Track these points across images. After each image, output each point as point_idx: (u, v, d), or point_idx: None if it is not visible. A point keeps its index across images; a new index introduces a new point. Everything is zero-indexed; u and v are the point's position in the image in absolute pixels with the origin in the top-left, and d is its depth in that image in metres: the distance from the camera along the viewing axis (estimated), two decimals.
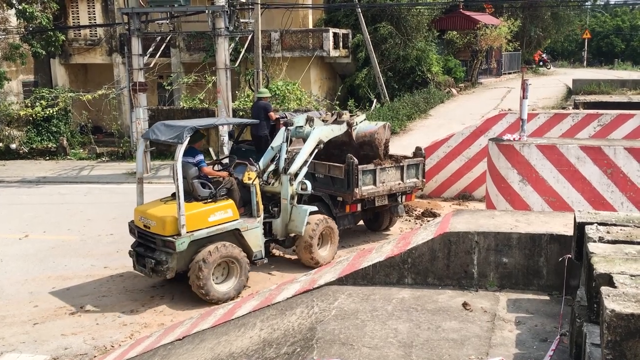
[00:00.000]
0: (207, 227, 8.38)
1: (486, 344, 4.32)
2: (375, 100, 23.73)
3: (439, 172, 13.86)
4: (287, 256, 10.37)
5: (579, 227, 4.27)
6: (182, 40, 24.58)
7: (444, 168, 13.85)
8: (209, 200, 8.57)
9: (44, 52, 21.14)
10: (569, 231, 4.91)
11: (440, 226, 5.73)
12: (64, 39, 23.19)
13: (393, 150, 11.79)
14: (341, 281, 5.73)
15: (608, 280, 3.30)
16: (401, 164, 10.96)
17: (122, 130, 23.06)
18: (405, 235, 6.41)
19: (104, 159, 21.42)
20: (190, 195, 8.52)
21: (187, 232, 8.13)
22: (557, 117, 13.04)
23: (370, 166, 10.59)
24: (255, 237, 9.00)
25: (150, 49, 18.83)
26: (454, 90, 26.73)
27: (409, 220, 12.38)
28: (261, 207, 9.15)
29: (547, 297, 5.09)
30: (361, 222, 11.76)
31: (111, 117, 23.08)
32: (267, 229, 9.54)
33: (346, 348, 4.41)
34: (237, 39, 19.70)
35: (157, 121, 9.67)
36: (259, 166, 9.90)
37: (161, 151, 19.98)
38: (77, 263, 10.35)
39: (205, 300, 8.29)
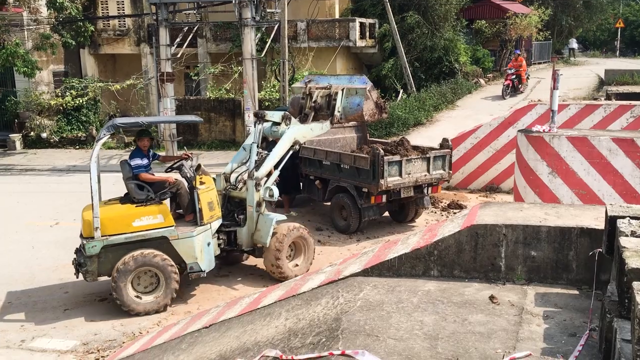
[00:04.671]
0: (128, 232, 7.83)
1: (513, 337, 4.27)
2: (401, 91, 23.54)
3: (466, 164, 13.74)
4: (259, 265, 9.54)
5: (611, 221, 4.20)
6: (209, 31, 24.67)
7: (471, 160, 13.71)
8: (146, 204, 7.99)
9: (73, 42, 21.41)
10: (600, 225, 4.83)
11: (467, 218, 5.68)
12: (93, 29, 23.43)
13: (419, 141, 11.70)
14: (366, 272, 5.73)
15: None
16: (427, 156, 10.90)
17: None
18: (431, 227, 6.37)
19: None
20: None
21: (101, 236, 7.70)
22: (589, 109, 12.77)
23: (397, 157, 10.55)
24: (189, 248, 8.12)
25: (178, 39, 19.00)
26: (482, 81, 26.36)
27: (435, 212, 12.31)
28: (206, 214, 8.30)
29: (576, 292, 5.02)
30: (386, 214, 11.74)
31: (139, 107, 23.34)
32: (233, 238, 8.86)
33: (371, 339, 4.41)
34: (263, 29, 19.73)
35: (185, 112, 9.56)
36: (227, 169, 9.30)
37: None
38: None
39: (124, 311, 7.86)
